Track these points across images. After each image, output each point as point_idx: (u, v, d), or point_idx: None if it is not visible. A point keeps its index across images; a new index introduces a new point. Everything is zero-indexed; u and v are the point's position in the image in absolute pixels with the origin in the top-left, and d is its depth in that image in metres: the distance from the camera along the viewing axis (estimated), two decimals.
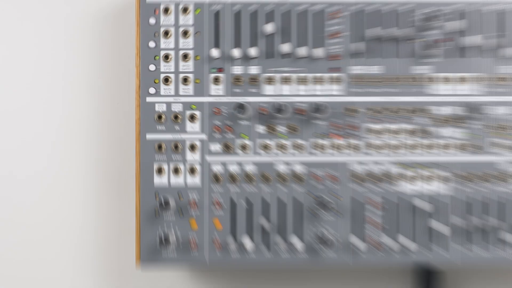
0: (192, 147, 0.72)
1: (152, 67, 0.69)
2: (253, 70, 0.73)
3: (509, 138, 0.71)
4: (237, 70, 0.72)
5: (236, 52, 0.69)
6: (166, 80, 0.69)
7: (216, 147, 0.72)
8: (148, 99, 0.69)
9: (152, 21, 0.69)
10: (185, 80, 0.69)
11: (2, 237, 0.82)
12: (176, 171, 0.70)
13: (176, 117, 0.69)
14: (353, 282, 0.82)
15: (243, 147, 0.71)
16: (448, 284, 0.81)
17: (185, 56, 0.68)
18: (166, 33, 0.70)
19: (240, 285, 0.84)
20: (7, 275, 0.82)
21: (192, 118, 0.69)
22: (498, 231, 0.70)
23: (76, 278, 0.83)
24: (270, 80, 0.70)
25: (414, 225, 0.71)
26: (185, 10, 0.69)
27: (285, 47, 0.69)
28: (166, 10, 0.69)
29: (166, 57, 0.69)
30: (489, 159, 0.71)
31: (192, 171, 0.70)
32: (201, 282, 0.84)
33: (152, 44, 0.69)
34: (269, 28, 0.67)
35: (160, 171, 0.70)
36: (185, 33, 0.69)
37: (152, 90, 0.69)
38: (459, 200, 0.70)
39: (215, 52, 0.69)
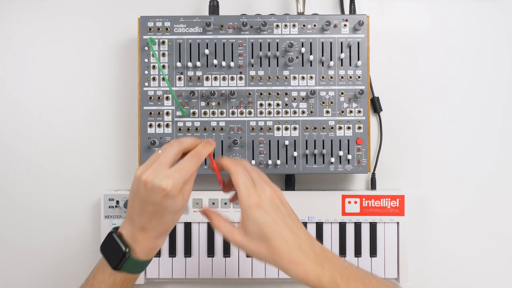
0: (167, 113, 1.05)
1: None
2: (199, 73, 1.03)
3: (328, 107, 1.05)
4: (190, 73, 1.04)
5: (190, 64, 1.03)
6: (154, 78, 1.05)
7: (179, 113, 1.03)
8: (145, 88, 1.05)
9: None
10: (163, 79, 1.04)
11: None
12: (159, 125, 1.04)
13: (159, 97, 1.07)
14: None
15: (193, 113, 1.04)
16: (297, 182, 1.13)
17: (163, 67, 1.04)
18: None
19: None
20: None
21: (167, 98, 1.06)
22: (321, 155, 1.04)
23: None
24: (207, 78, 1.03)
25: (281, 152, 1.04)
26: (163, 42, 1.05)
27: (215, 61, 1.04)
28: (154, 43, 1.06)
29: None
30: (319, 119, 1.04)
31: (167, 125, 1.04)
32: None
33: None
34: (207, 51, 1.05)
35: (150, 126, 1.03)
36: (163, 54, 1.04)
37: (146, 83, 1.05)
38: (304, 139, 1.03)
39: (179, 64, 1.05)
